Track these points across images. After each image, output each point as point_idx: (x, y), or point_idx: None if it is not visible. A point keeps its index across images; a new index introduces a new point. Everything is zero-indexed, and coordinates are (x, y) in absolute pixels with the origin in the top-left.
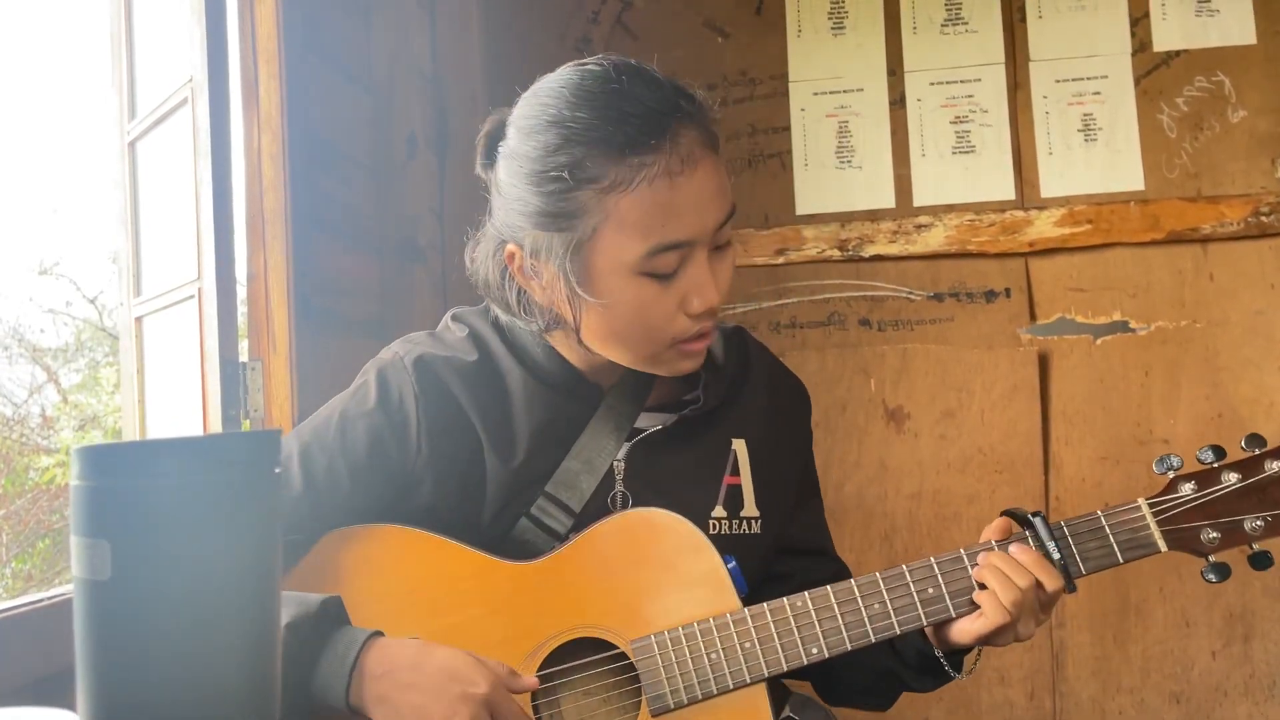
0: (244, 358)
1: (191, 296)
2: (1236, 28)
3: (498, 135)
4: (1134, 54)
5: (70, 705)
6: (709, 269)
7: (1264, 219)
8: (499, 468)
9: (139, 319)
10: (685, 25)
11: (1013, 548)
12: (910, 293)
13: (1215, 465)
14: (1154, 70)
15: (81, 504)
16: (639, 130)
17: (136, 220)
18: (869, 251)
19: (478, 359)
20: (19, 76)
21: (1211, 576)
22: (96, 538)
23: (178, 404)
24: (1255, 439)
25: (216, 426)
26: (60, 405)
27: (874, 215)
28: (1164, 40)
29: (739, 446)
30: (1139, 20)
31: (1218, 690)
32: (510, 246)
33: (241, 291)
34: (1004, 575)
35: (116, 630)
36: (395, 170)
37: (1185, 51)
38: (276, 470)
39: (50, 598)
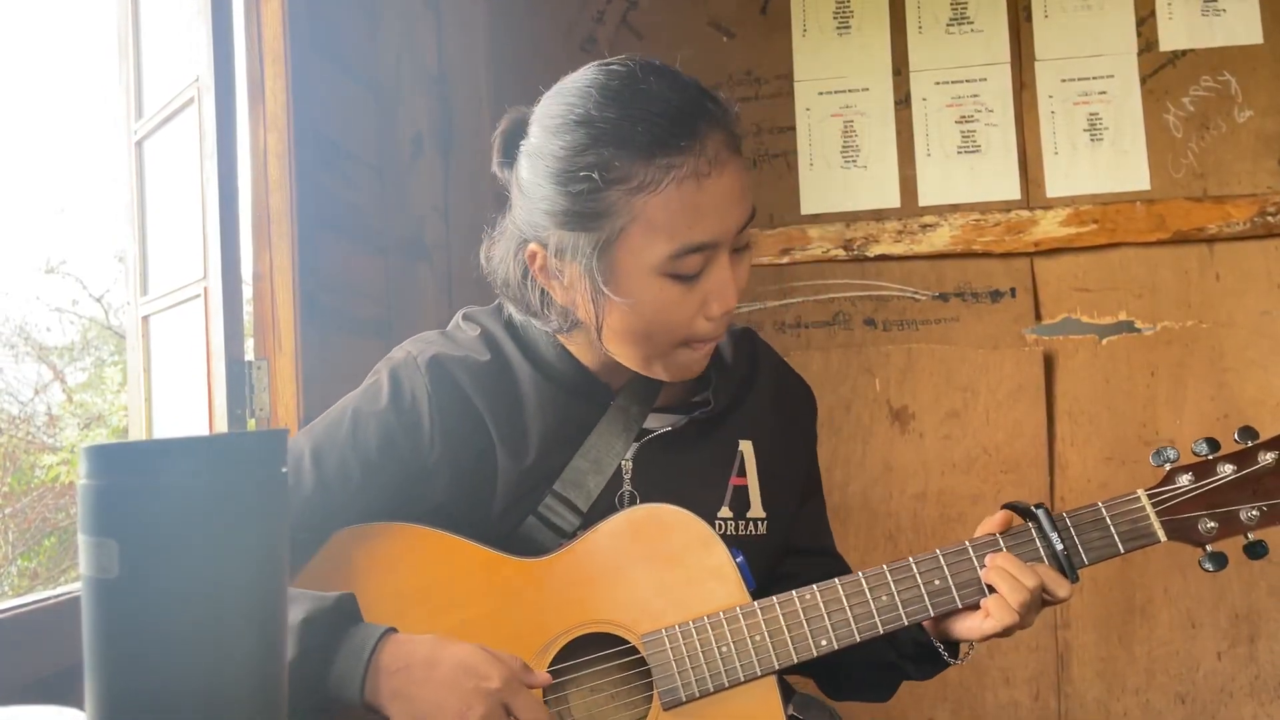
0: (250, 356)
1: (198, 295)
2: (1243, 27)
3: (518, 133)
4: (1140, 53)
5: (77, 703)
6: (731, 273)
7: (1270, 219)
8: (510, 467)
9: (145, 318)
10: (690, 25)
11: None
12: (915, 293)
13: (1210, 457)
14: (1160, 70)
15: (89, 503)
16: (668, 131)
17: (143, 219)
18: (874, 251)
19: (490, 359)
20: (26, 76)
21: (1209, 565)
22: (104, 536)
23: (184, 403)
24: (1248, 431)
25: (222, 425)
26: (65, 404)
27: (879, 215)
28: (1170, 40)
29: (746, 448)
30: (1145, 19)
31: (1223, 691)
32: (532, 246)
33: (247, 290)
34: (1011, 577)
35: (124, 628)
36: (401, 169)
37: (1191, 51)
38: (283, 469)
39: (56, 596)
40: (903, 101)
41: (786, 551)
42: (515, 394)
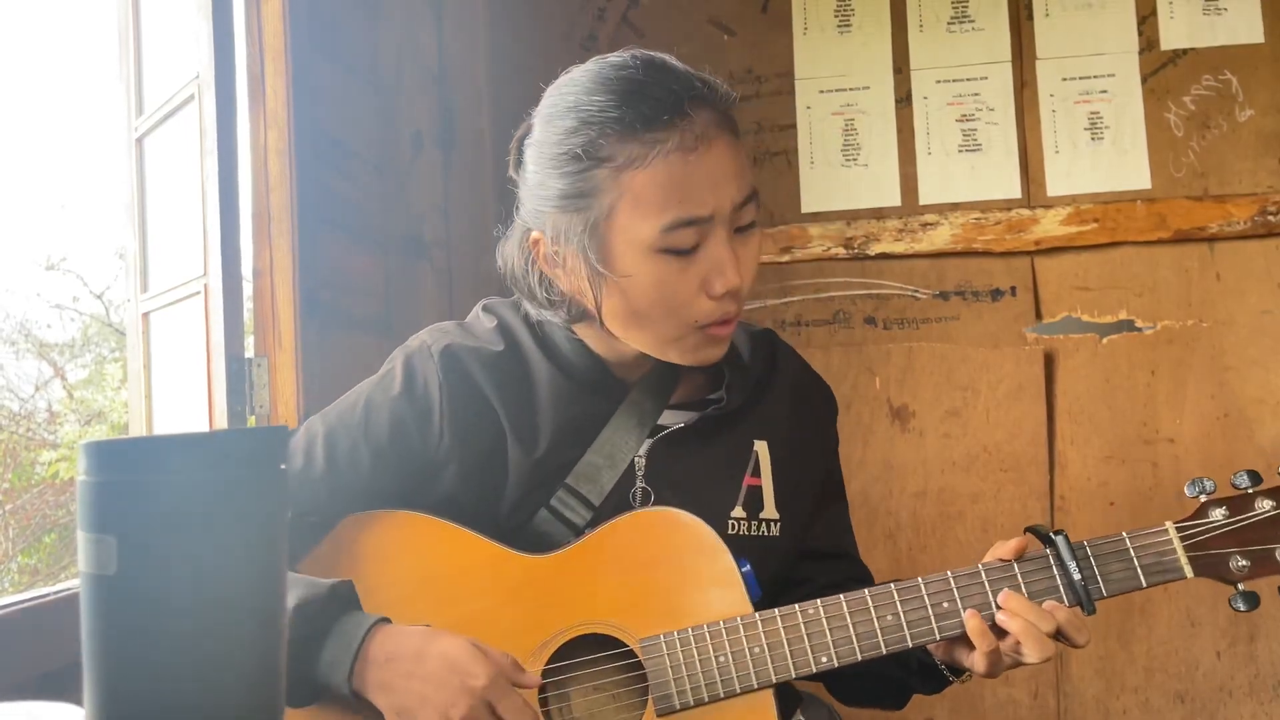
0: (250, 354)
1: (198, 293)
2: (1244, 26)
3: (526, 134)
4: (1141, 53)
5: (76, 700)
6: (730, 250)
7: (1270, 218)
8: (521, 458)
9: (146, 315)
10: (691, 23)
11: (1047, 604)
12: (916, 291)
13: (1250, 490)
14: (1161, 69)
15: (88, 499)
16: (652, 109)
17: (144, 216)
18: (874, 250)
19: (504, 349)
20: (28, 72)
21: (1240, 605)
22: (103, 533)
23: (184, 400)
24: None
25: (222, 422)
26: (66, 400)
27: (880, 213)
28: (1171, 39)
29: (761, 448)
30: (1146, 19)
31: (1222, 690)
32: (535, 234)
33: (248, 288)
34: (1027, 623)
35: (122, 625)
36: (401, 167)
37: (1192, 50)
38: (282, 466)
39: (56, 592)
40: (903, 100)
41: (802, 556)
42: (528, 385)
